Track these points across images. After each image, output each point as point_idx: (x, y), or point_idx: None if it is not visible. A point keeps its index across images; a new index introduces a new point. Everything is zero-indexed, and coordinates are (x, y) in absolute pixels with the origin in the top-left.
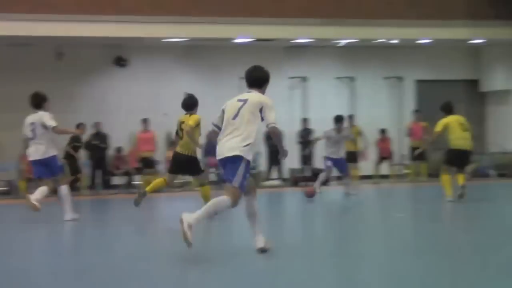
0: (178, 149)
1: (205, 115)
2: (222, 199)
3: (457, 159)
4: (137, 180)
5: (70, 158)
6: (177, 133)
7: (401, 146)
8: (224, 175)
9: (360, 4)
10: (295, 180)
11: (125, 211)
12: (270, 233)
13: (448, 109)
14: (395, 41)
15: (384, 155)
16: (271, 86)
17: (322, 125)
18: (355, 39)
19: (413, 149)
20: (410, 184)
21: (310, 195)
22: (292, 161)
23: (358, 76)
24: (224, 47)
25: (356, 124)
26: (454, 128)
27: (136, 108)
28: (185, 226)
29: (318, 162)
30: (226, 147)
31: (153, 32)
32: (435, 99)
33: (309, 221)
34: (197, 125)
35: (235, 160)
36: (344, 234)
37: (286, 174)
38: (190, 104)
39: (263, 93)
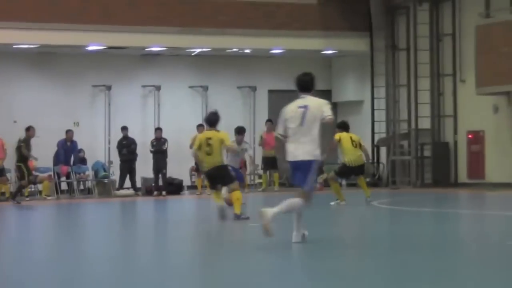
0: (207, 165)
1: (56, 123)
2: (296, 201)
3: (347, 173)
4: None
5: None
6: (200, 148)
7: (253, 156)
8: (296, 179)
9: (214, 14)
10: (148, 189)
11: None
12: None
13: (343, 127)
14: (248, 51)
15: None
16: (124, 94)
17: (175, 134)
18: (209, 48)
19: (266, 158)
20: (263, 194)
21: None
22: (145, 170)
23: (212, 85)
24: (77, 54)
25: None
26: (346, 143)
27: None
28: (266, 220)
29: (171, 172)
30: (301, 151)
31: (2, 38)
32: None
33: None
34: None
35: (309, 164)
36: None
37: (139, 183)
38: (214, 120)
39: (312, 94)
